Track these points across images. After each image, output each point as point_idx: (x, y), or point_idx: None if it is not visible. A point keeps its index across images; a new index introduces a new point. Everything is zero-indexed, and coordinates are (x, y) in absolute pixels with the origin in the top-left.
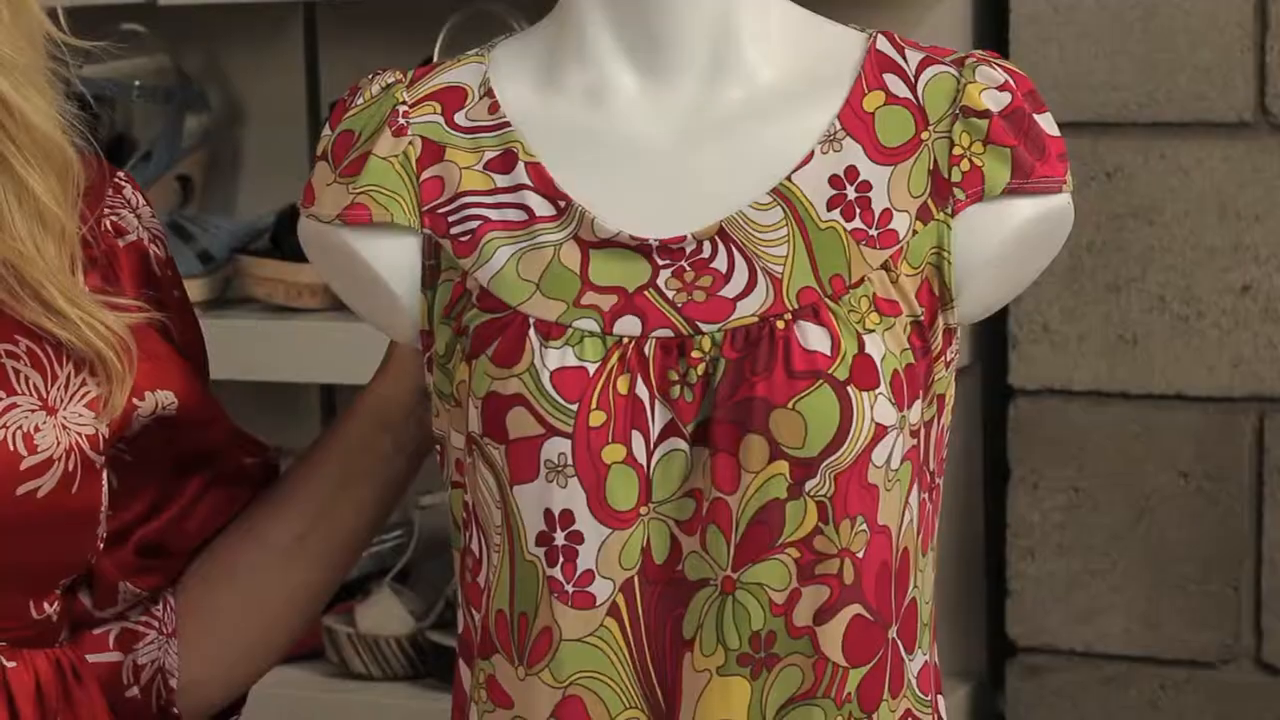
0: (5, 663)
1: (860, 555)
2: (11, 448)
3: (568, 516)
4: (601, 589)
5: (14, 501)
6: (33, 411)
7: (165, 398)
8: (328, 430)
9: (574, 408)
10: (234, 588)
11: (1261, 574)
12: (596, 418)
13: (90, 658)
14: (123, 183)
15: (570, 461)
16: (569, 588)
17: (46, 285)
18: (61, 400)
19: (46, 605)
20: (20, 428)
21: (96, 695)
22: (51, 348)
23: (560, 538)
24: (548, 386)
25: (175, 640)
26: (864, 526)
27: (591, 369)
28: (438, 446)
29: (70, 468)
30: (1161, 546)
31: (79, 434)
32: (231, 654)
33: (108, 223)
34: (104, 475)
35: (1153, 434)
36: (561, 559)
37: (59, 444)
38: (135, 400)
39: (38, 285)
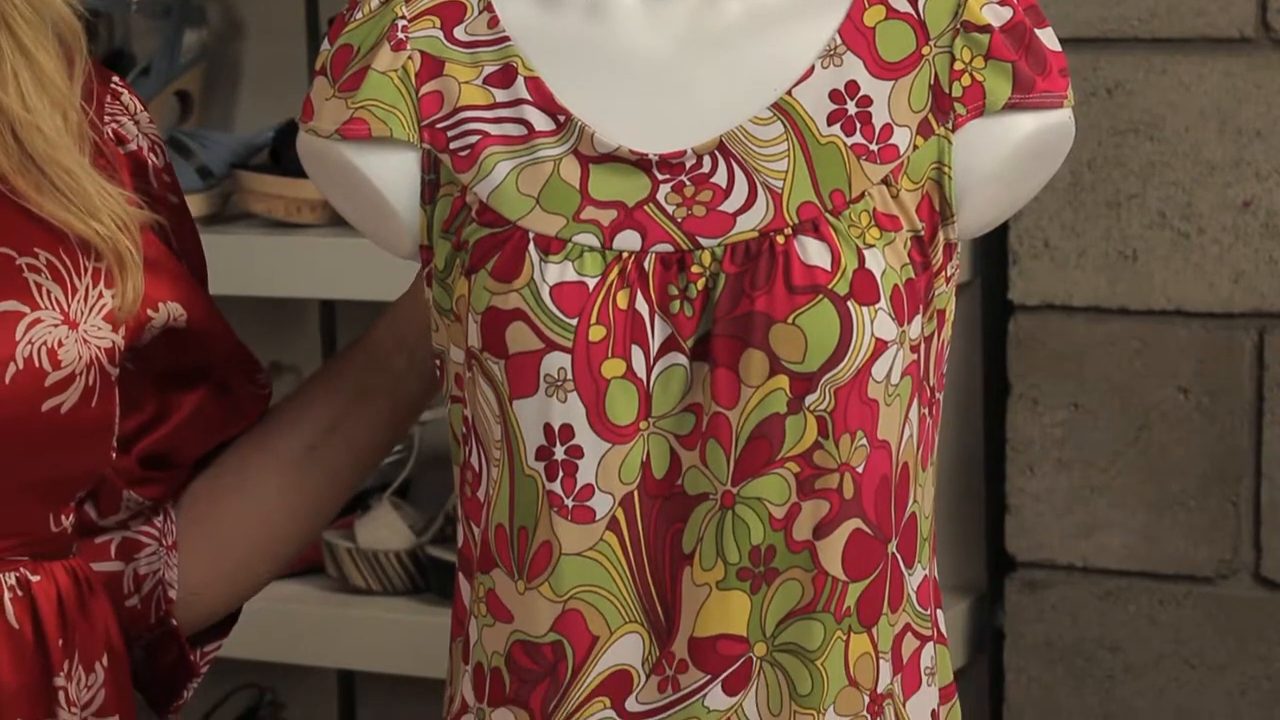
0: (30, 576)
1: (860, 470)
2: (37, 364)
3: (567, 431)
4: (601, 503)
5: (39, 417)
6: (55, 326)
7: (176, 310)
8: (346, 346)
9: (574, 322)
10: (241, 498)
11: (1260, 489)
12: (596, 332)
13: (94, 566)
14: (120, 89)
15: (570, 376)
16: (569, 502)
17: (72, 170)
18: (82, 314)
19: (64, 518)
20: (45, 343)
21: (107, 605)
22: (69, 257)
23: (560, 452)
24: (547, 301)
25: (175, 553)
26: (864, 441)
27: (591, 284)
28: (438, 361)
29: (90, 382)
30: (1161, 462)
31: (99, 348)
32: (234, 564)
33: (109, 130)
34: (117, 387)
35: (1152, 350)
36: (561, 473)
37: (80, 358)
38: (149, 312)
39: (61, 171)
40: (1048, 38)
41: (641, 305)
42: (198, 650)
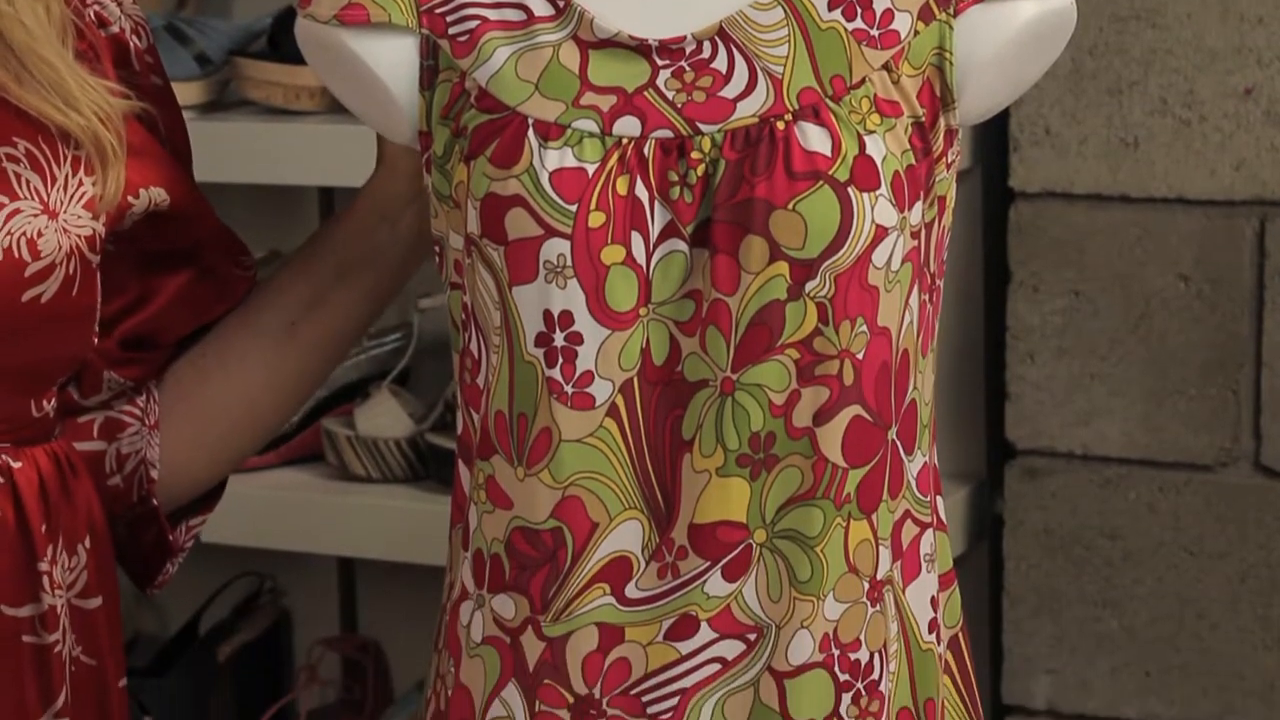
0: (11, 463)
1: (860, 356)
2: (16, 255)
3: (567, 317)
4: (601, 390)
5: (19, 307)
6: (35, 216)
7: (158, 195)
8: (326, 222)
9: (573, 209)
10: (224, 375)
11: (1260, 377)
12: (596, 218)
13: (77, 445)
14: None
15: (569, 262)
16: (568, 388)
17: (52, 63)
18: (62, 203)
19: (45, 403)
20: (24, 234)
21: (89, 486)
22: (48, 146)
23: (559, 338)
24: (547, 187)
25: (157, 432)
26: (864, 328)
27: (590, 169)
28: (436, 248)
29: (71, 271)
30: (1161, 350)
31: (79, 236)
32: (217, 439)
33: (91, 13)
34: (98, 274)
35: (1153, 237)
36: (561, 360)
37: (60, 248)
38: (130, 198)
39: (41, 63)
40: None
41: (641, 191)
42: (181, 525)
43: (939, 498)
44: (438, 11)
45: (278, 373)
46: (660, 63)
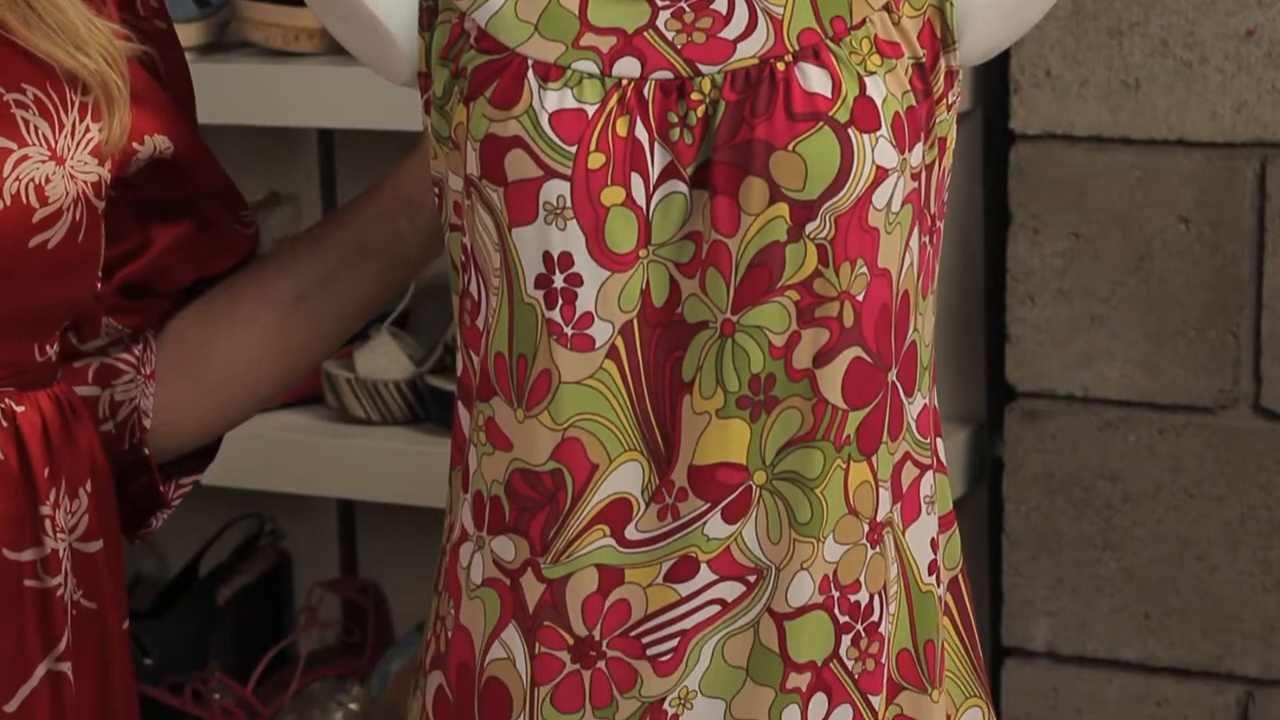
0: (15, 407)
1: (860, 298)
2: (25, 200)
3: (567, 259)
4: (600, 331)
5: (26, 253)
6: (43, 162)
7: (162, 142)
8: (350, 200)
9: (573, 150)
10: (228, 336)
11: (1261, 320)
12: (595, 160)
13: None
14: None
15: (569, 204)
16: (568, 330)
17: (59, 4)
18: (69, 149)
19: (48, 347)
20: (32, 180)
21: (90, 428)
22: (55, 91)
23: (559, 280)
24: (546, 128)
25: (152, 382)
26: (864, 269)
27: (590, 111)
28: (435, 189)
29: (77, 217)
30: (1161, 292)
31: (85, 182)
32: (214, 399)
33: None
34: (103, 220)
35: (1154, 179)
36: (560, 301)
37: (68, 194)
38: (135, 144)
39: (49, 5)
40: None
41: (641, 133)
42: (171, 482)
43: (939, 440)
44: None
45: (282, 342)
46: (660, 4)
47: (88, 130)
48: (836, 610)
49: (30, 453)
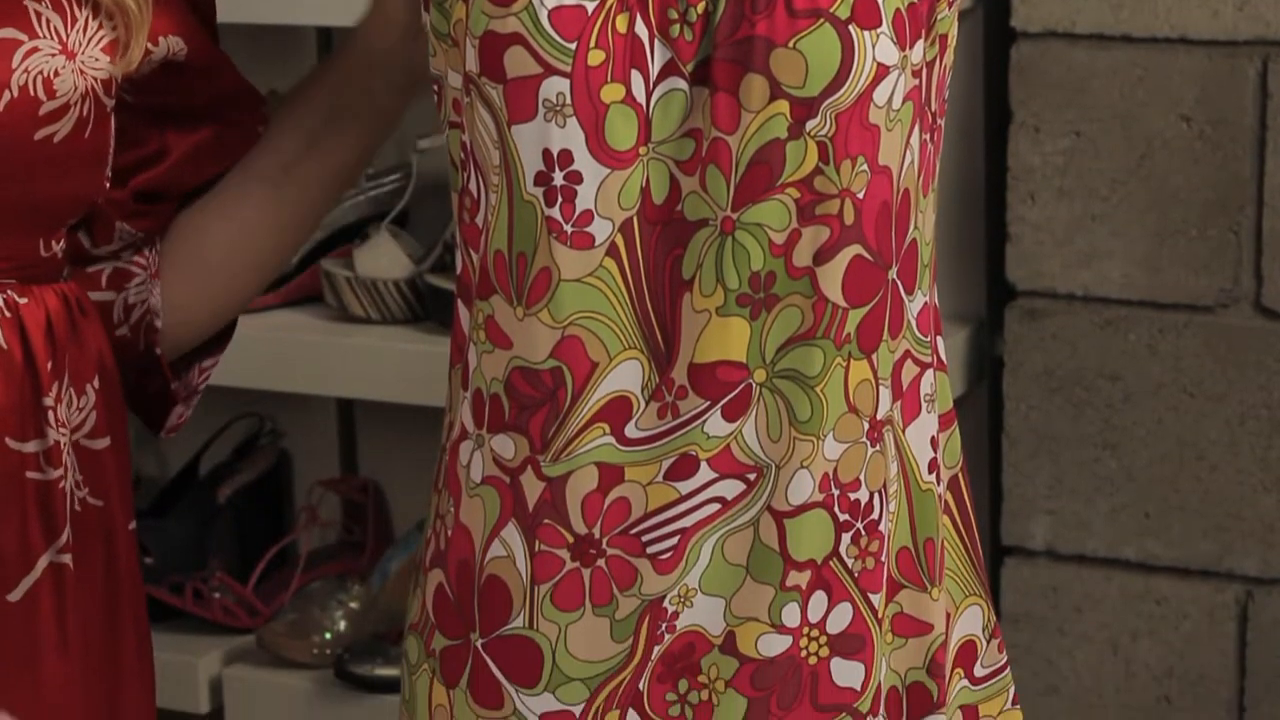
0: (18, 299)
1: (860, 195)
2: (32, 93)
3: (566, 156)
4: (600, 229)
5: (32, 145)
6: (52, 56)
7: (176, 44)
8: (319, 65)
9: (572, 46)
10: (222, 217)
11: (1262, 218)
12: (595, 57)
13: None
14: None
15: (568, 101)
16: (568, 228)
17: None
18: (80, 44)
19: (54, 244)
20: (41, 72)
21: (99, 328)
22: None
23: (559, 178)
24: (546, 25)
25: (158, 282)
26: (864, 167)
27: (590, 7)
28: (435, 87)
29: (85, 112)
30: (1162, 191)
31: (95, 79)
32: (219, 283)
33: None
34: (113, 118)
35: (1155, 77)
36: (560, 199)
37: (76, 89)
38: (149, 45)
39: None
40: None
41: (641, 29)
42: (194, 368)
43: (939, 338)
44: None
45: (275, 215)
46: None
47: (100, 27)
48: (836, 508)
49: (33, 344)
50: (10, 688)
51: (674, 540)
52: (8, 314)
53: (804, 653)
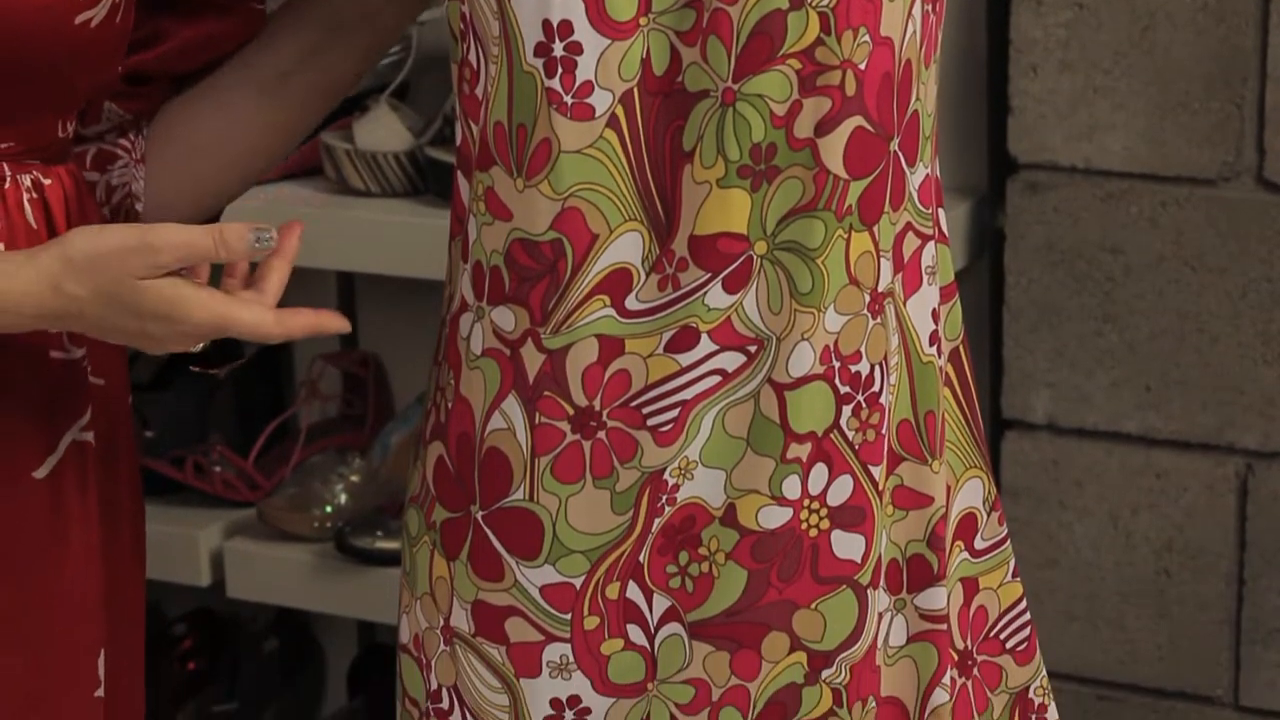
0: (43, 179)
1: (862, 66)
2: None
3: (566, 27)
4: (600, 100)
5: (71, 29)
6: None
7: None
8: None
9: None
10: (215, 115)
11: (1265, 91)
12: None
13: None
14: None
15: None
16: (568, 99)
17: None
18: None
19: (68, 124)
20: None
21: (94, 207)
22: None
23: (559, 49)
24: None
25: (142, 167)
26: (866, 37)
27: None
28: None
29: None
30: (1165, 63)
31: None
32: (205, 176)
33: None
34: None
35: None
36: (560, 70)
37: None
38: None
39: None
40: None
41: None
42: None
43: (941, 210)
44: None
45: (268, 119)
46: None
47: None
48: (837, 380)
49: (56, 223)
50: (36, 565)
51: (674, 412)
52: (34, 194)
53: (804, 525)
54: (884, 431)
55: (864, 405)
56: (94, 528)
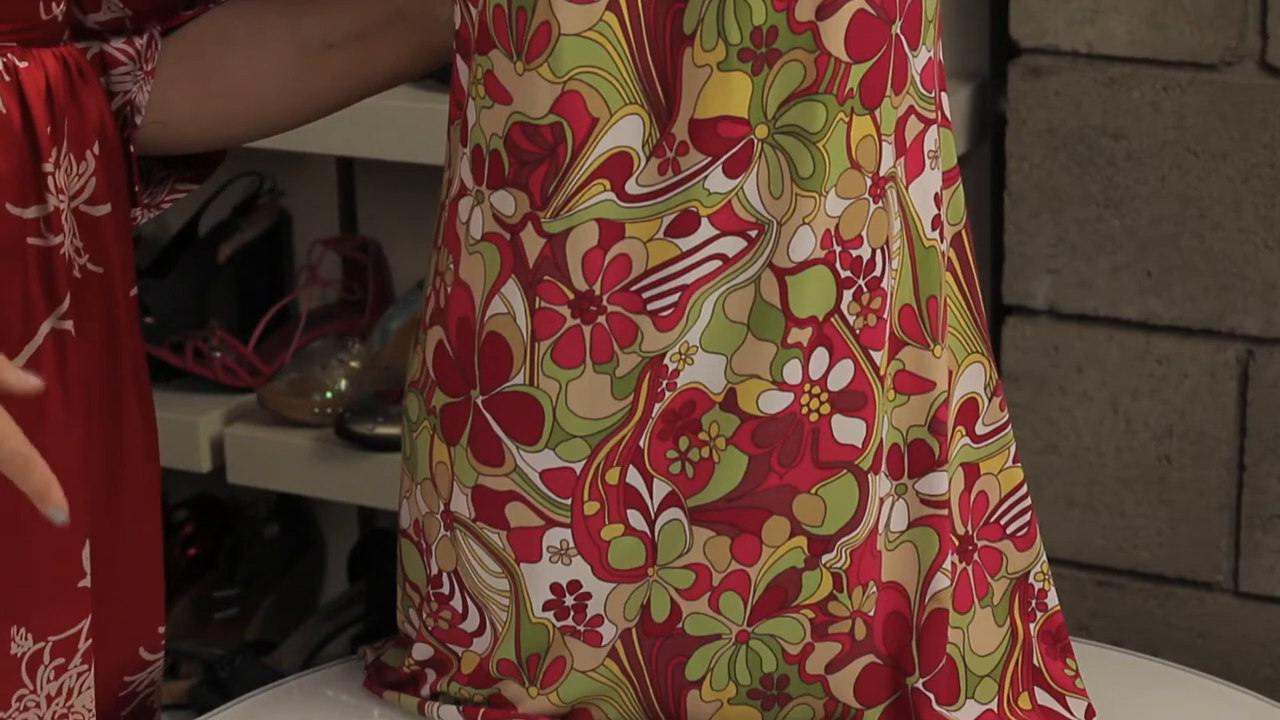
0: (18, 63)
1: None
2: None
3: None
4: None
5: None
6: None
7: None
8: None
9: None
10: (247, 56)
11: None
12: None
13: None
14: None
15: None
16: None
17: None
18: None
19: (54, 6)
20: None
21: (100, 94)
22: None
23: None
24: None
25: (151, 79)
26: None
27: None
28: None
29: None
30: None
31: None
32: (214, 112)
33: None
34: None
35: None
36: None
37: None
38: None
39: None
40: None
41: None
42: (166, 185)
43: (943, 94)
44: None
45: (296, 82)
46: None
47: None
48: (838, 265)
49: (32, 109)
50: None
51: (675, 297)
52: (6, 78)
53: (805, 410)
54: (885, 316)
55: (865, 290)
56: (75, 421)
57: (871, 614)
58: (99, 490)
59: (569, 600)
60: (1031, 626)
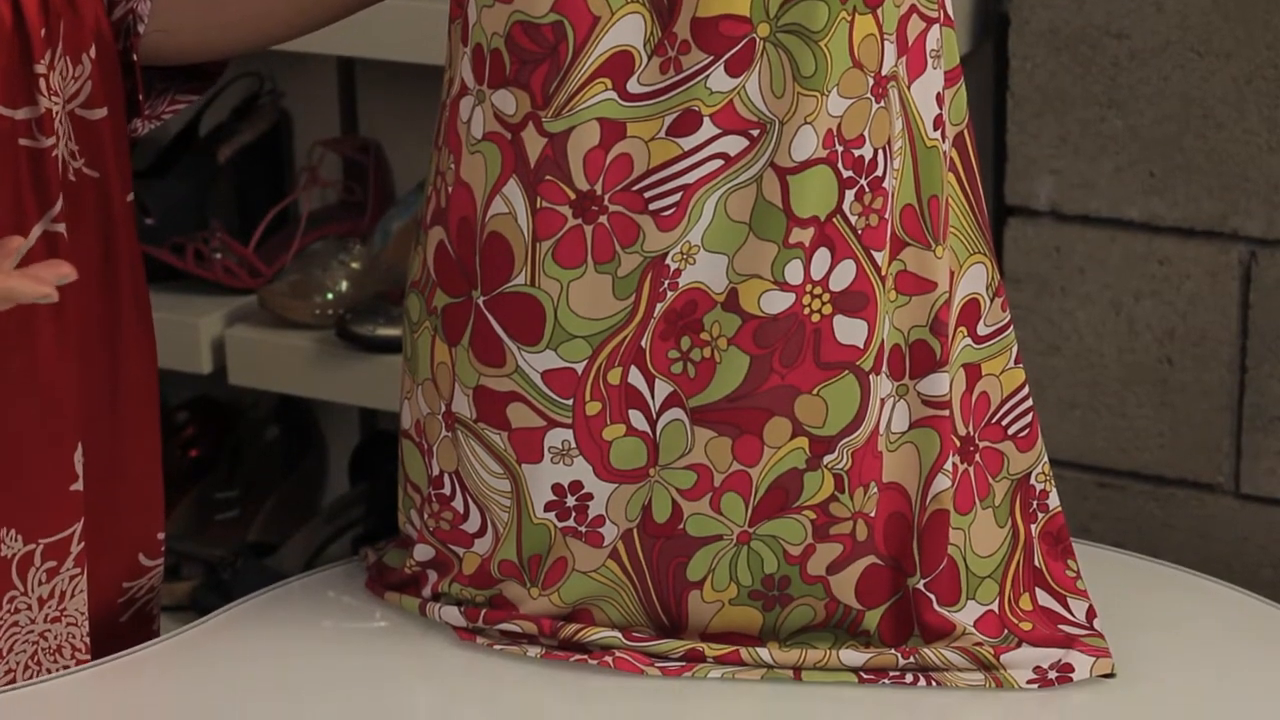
0: None
1: None
2: None
3: None
4: None
5: None
6: None
7: None
8: None
9: None
10: None
11: None
12: None
13: None
14: None
15: None
16: None
17: None
18: None
19: None
20: None
21: (92, 3)
22: None
23: None
24: None
25: None
26: None
27: None
28: None
29: None
30: None
31: None
32: (219, 20)
33: None
34: None
35: None
36: None
37: None
38: None
39: None
40: None
41: None
42: (168, 96)
43: None
44: None
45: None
46: None
47: None
48: (840, 165)
49: (25, 9)
50: (7, 358)
51: (676, 196)
52: None
53: (807, 310)
54: (887, 216)
55: (867, 189)
56: (69, 324)
57: (873, 515)
58: (96, 398)
59: (570, 501)
60: (1033, 528)
